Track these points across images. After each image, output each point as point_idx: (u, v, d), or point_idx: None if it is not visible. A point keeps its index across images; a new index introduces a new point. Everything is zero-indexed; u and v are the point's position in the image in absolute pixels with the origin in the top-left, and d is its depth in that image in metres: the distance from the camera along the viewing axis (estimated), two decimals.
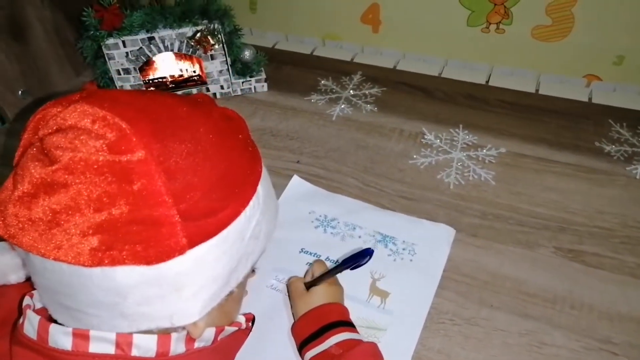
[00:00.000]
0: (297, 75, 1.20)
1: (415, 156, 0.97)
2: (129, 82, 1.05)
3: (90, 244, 0.38)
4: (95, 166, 0.38)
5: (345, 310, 0.68)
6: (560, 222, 0.83)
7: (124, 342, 0.43)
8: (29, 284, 0.48)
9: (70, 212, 0.38)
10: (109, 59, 1.01)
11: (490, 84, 1.16)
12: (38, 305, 0.47)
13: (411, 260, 0.79)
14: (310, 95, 1.13)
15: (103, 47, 0.99)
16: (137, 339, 0.43)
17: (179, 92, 1.10)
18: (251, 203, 0.46)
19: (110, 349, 0.43)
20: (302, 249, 0.81)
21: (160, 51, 1.02)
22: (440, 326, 0.71)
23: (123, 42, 0.99)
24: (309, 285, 0.70)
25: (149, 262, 0.39)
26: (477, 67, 1.22)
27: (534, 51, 1.15)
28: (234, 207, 0.44)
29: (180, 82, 1.10)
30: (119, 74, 1.04)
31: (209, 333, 0.49)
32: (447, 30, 1.20)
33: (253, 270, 0.76)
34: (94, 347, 0.42)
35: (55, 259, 0.38)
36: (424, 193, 0.90)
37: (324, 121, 1.06)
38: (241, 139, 0.49)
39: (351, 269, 0.65)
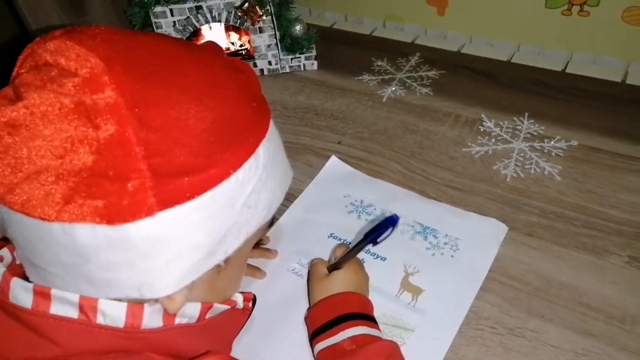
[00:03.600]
0: (350, 54, 1.13)
1: (470, 144, 0.87)
2: None
3: (49, 196, 0.33)
4: (58, 106, 0.33)
5: (366, 302, 0.60)
6: (636, 228, 0.70)
7: (88, 306, 0.38)
8: None
9: (31, 158, 0.33)
10: (157, 27, 0.99)
11: (567, 71, 1.02)
12: (19, 261, 0.43)
13: (452, 256, 0.70)
14: (361, 75, 1.05)
15: (151, 15, 0.97)
16: (103, 304, 0.38)
17: None
18: (246, 166, 0.39)
19: (73, 313, 0.38)
20: (331, 234, 0.74)
21: (207, 21, 0.98)
22: (477, 333, 0.61)
23: (170, 10, 0.96)
24: (331, 269, 0.63)
25: (111, 221, 0.33)
26: (554, 53, 1.08)
27: (624, 36, 1.00)
28: (222, 168, 0.37)
29: (228, 56, 1.06)
30: None
31: (193, 309, 0.43)
32: (521, 13, 1.08)
33: (270, 250, 0.71)
34: (55, 309, 0.37)
35: (16, 210, 0.34)
36: (475, 184, 0.79)
37: (373, 102, 0.98)
38: (245, 92, 0.42)
39: (374, 244, 0.57)
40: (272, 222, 0.49)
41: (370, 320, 0.58)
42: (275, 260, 0.71)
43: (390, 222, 0.55)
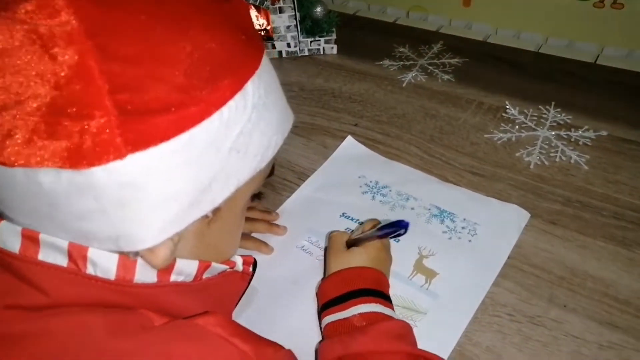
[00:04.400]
0: (371, 40, 1.10)
1: (493, 130, 0.83)
2: None
3: (6, 139, 0.29)
4: (9, 35, 0.29)
5: (382, 280, 0.57)
6: None
7: (77, 254, 0.34)
8: None
9: None
10: None
11: (598, 63, 0.98)
12: None
13: (470, 241, 0.66)
14: (382, 60, 1.02)
15: None
16: (92, 253, 0.35)
17: None
18: (231, 104, 0.34)
19: (62, 261, 0.35)
20: (343, 214, 0.71)
21: None
22: (494, 319, 0.57)
23: None
24: (350, 244, 0.60)
25: (74, 165, 0.29)
26: (583, 46, 1.04)
27: None
28: (202, 106, 0.33)
29: None
30: None
31: (189, 266, 0.40)
32: (550, 5, 1.04)
33: (278, 226, 0.68)
34: (43, 255, 0.35)
35: None
36: (497, 170, 0.76)
37: (393, 87, 0.95)
38: (232, 23, 0.36)
39: (391, 237, 0.55)
40: (271, 172, 0.44)
41: (384, 298, 0.54)
42: (284, 236, 0.69)
43: (402, 226, 0.53)
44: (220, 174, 0.35)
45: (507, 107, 0.87)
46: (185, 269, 0.40)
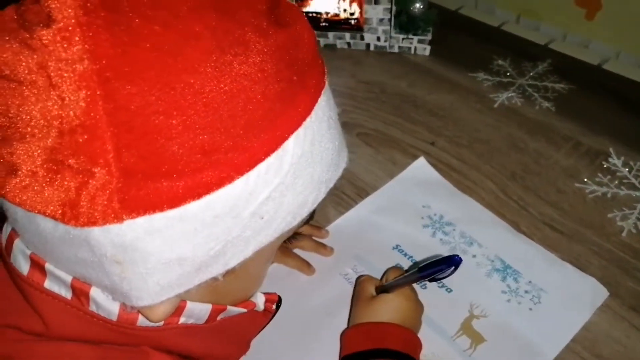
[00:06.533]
0: (469, 45, 1.00)
1: (585, 180, 0.73)
2: None
3: (10, 174, 0.26)
4: (22, 60, 0.25)
5: (413, 340, 0.52)
6: None
7: (80, 291, 0.32)
8: None
9: None
10: None
11: None
12: None
13: (531, 309, 0.59)
14: (476, 72, 0.93)
15: None
16: (94, 292, 0.32)
17: (330, 34, 0.99)
18: (262, 167, 0.29)
19: (67, 293, 0.33)
20: (397, 246, 0.66)
21: None
22: None
23: None
24: (380, 291, 0.55)
25: (68, 221, 0.26)
26: None
27: None
28: (224, 170, 0.28)
29: (335, 23, 0.98)
30: None
31: (201, 310, 0.37)
32: None
33: (325, 246, 0.64)
34: (49, 283, 0.33)
35: None
36: (581, 229, 0.67)
37: (482, 106, 0.86)
38: (283, 60, 0.30)
39: (430, 281, 0.48)
40: (311, 217, 0.37)
41: None
42: (329, 259, 0.65)
43: (453, 263, 0.45)
44: (238, 239, 0.31)
45: (610, 154, 0.76)
46: (196, 312, 0.37)
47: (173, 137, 0.26)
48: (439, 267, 0.46)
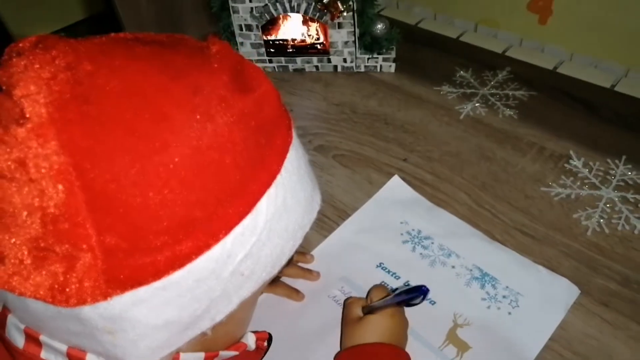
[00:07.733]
0: (432, 60, 1.05)
1: (551, 183, 0.77)
2: (249, 39, 0.99)
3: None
4: (2, 156, 0.26)
5: (402, 355, 0.55)
6: None
7: (77, 358, 0.34)
8: None
9: None
10: (234, 12, 0.95)
11: None
12: None
13: (510, 313, 0.63)
14: (441, 85, 0.97)
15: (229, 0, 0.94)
16: (90, 359, 0.34)
17: (298, 59, 1.02)
18: (237, 230, 0.31)
19: None
20: (380, 264, 0.69)
21: (285, 11, 0.94)
22: None
23: None
24: (366, 312, 0.58)
25: (58, 303, 0.28)
26: None
27: None
28: (201, 239, 0.30)
29: (302, 48, 1.02)
30: (241, 29, 0.98)
31: (195, 359, 0.39)
32: (637, 31, 0.95)
33: (311, 271, 0.66)
34: (46, 354, 0.35)
35: None
36: (550, 233, 0.71)
37: (449, 118, 0.90)
38: (249, 126, 0.31)
39: (406, 306, 0.52)
40: (290, 259, 0.40)
41: None
42: (316, 283, 0.67)
43: (420, 292, 0.49)
44: (221, 297, 0.33)
45: (572, 156, 0.81)
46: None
47: (151, 216, 0.28)
48: (411, 295, 0.51)
